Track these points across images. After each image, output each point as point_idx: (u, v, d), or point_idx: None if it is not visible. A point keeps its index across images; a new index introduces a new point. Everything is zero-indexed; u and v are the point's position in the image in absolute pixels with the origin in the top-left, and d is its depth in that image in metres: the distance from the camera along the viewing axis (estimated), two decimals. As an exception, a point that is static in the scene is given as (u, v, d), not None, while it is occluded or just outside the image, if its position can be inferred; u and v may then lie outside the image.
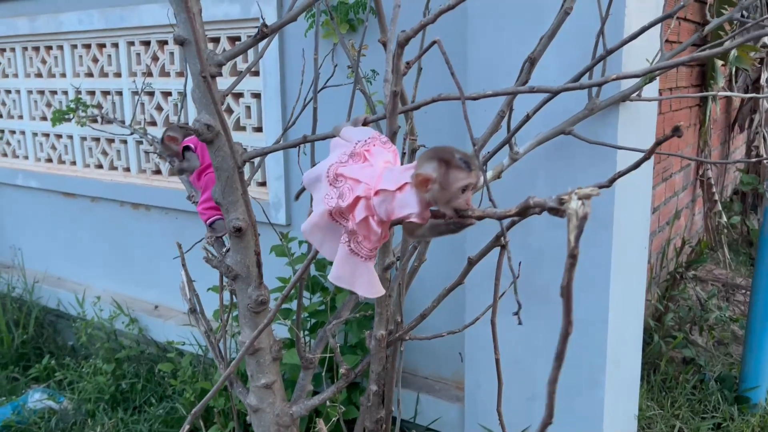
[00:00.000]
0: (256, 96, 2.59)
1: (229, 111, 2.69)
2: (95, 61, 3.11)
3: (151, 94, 2.92)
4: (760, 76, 4.23)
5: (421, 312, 1.35)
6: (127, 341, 3.08)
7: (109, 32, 2.96)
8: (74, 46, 3.17)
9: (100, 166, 3.26)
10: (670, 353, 2.69)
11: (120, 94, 3.05)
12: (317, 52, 1.52)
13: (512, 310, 1.96)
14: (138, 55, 2.93)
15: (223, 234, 1.50)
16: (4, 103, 3.65)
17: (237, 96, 2.65)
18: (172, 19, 1.24)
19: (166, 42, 2.83)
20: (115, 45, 2.99)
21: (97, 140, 3.23)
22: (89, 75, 3.15)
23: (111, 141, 3.17)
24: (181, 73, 2.80)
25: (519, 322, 1.00)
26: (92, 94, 3.17)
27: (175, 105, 2.83)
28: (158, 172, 3.04)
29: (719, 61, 3.59)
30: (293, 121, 1.81)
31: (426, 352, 2.36)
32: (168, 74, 2.85)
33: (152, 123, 2.96)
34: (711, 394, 2.48)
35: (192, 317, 1.66)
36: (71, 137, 3.33)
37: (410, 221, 0.85)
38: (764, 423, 2.36)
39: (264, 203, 2.60)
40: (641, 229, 2.02)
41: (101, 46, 3.06)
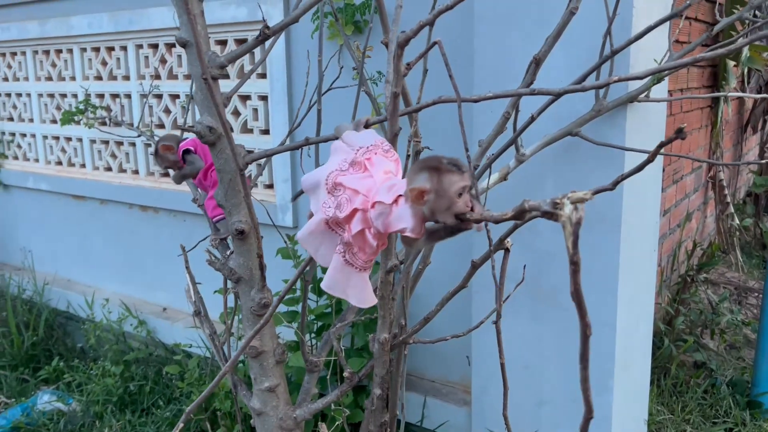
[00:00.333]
0: (264, 98, 2.59)
1: (236, 113, 2.70)
2: (104, 64, 3.13)
3: (160, 96, 2.93)
4: (773, 76, 4.18)
5: (425, 315, 1.34)
6: (136, 343, 3.09)
7: (118, 35, 2.98)
8: (84, 50, 3.19)
9: (110, 169, 3.28)
10: (681, 357, 2.66)
11: (129, 97, 3.06)
12: (321, 54, 1.51)
13: (520, 313, 1.95)
14: (146, 57, 2.94)
15: (227, 236, 1.50)
16: (15, 106, 3.67)
17: (244, 98, 2.65)
18: (178, 21, 1.24)
19: (174, 45, 2.84)
20: (124, 48, 3.00)
21: (106, 143, 3.25)
22: (98, 78, 3.16)
23: (120, 144, 3.18)
24: (188, 76, 2.80)
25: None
26: (101, 97, 3.18)
27: (183, 107, 2.84)
28: (166, 174, 3.05)
29: (731, 62, 3.55)
30: (298, 124, 1.81)
31: (433, 355, 2.34)
32: (176, 77, 2.86)
33: (161, 125, 2.97)
34: (722, 399, 2.45)
35: (197, 320, 1.65)
36: (81, 140, 3.35)
37: (406, 235, 0.84)
38: (777, 428, 2.32)
39: (271, 206, 2.60)
40: (650, 232, 2.00)
41: (110, 49, 3.07)
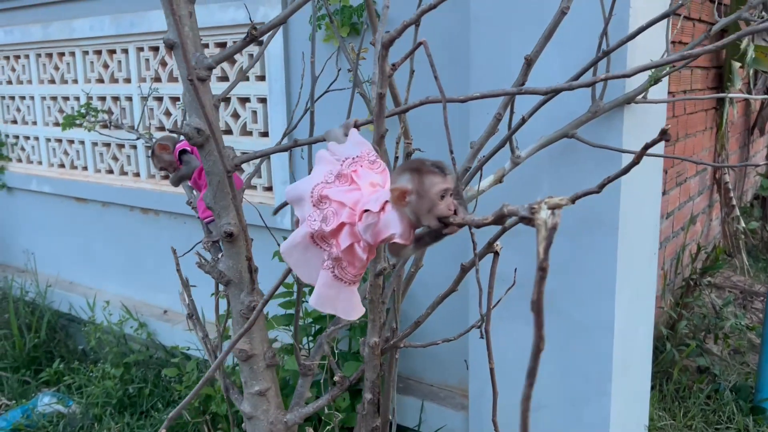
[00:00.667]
0: (263, 101, 2.58)
1: (235, 116, 2.69)
2: (106, 67, 3.14)
3: (160, 99, 2.93)
4: (780, 78, 4.14)
5: (417, 319, 1.32)
6: (137, 346, 3.09)
7: (119, 38, 2.98)
8: (86, 53, 3.20)
9: (111, 172, 3.28)
10: (684, 362, 2.63)
11: (130, 99, 3.07)
12: (314, 56, 1.50)
13: (518, 317, 1.93)
14: (147, 60, 2.95)
15: (219, 238, 1.49)
16: (18, 109, 3.69)
17: (244, 101, 2.65)
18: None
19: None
20: (125, 51, 3.01)
21: (108, 146, 3.25)
22: (100, 81, 3.17)
23: (121, 146, 3.19)
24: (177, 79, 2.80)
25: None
26: (103, 99, 3.19)
27: (183, 110, 2.83)
28: (167, 177, 3.04)
29: (737, 63, 3.51)
30: (294, 126, 1.80)
31: (431, 359, 2.33)
32: (176, 79, 2.86)
33: (161, 128, 2.97)
34: (725, 405, 2.41)
35: (190, 322, 1.65)
36: (83, 143, 3.36)
37: (394, 242, 0.83)
38: (781, 435, 2.29)
39: (270, 208, 2.59)
40: (650, 235, 1.97)
41: (111, 52, 3.08)
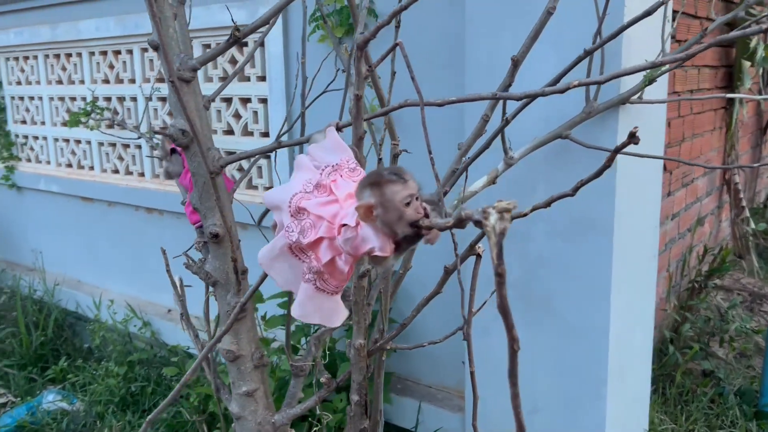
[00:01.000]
0: (263, 101, 2.59)
1: (237, 116, 2.70)
2: (111, 67, 3.16)
3: (164, 99, 2.95)
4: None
5: (402, 321, 1.31)
6: (142, 344, 3.11)
7: (124, 39, 3.00)
8: (92, 53, 3.23)
9: (117, 171, 3.31)
10: (688, 365, 2.59)
11: (135, 99, 3.09)
12: (305, 56, 1.50)
13: (514, 319, 1.91)
14: (151, 61, 2.97)
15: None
16: (27, 110, 3.73)
17: (245, 101, 2.66)
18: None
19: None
20: (130, 52, 3.03)
21: (113, 146, 3.28)
22: (106, 81, 3.20)
23: (126, 146, 3.21)
24: (192, 79, 2.82)
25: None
26: (108, 99, 3.21)
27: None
28: (171, 177, 3.06)
29: (747, 62, 3.46)
30: (288, 128, 1.80)
31: (429, 360, 2.32)
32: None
33: (165, 128, 2.99)
34: (729, 409, 2.38)
35: (183, 323, 1.65)
36: (89, 142, 3.39)
37: (375, 254, 0.82)
38: (785, 440, 2.25)
39: (271, 208, 2.60)
40: (649, 237, 1.95)
41: (117, 52, 3.10)
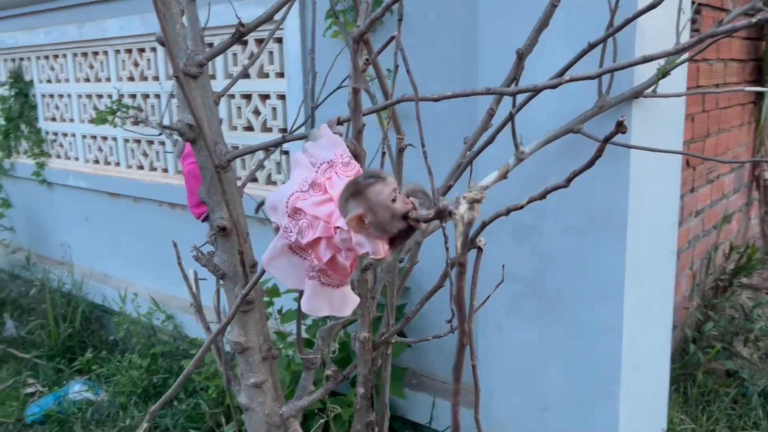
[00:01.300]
0: (282, 97, 2.61)
1: (257, 112, 2.73)
2: (136, 65, 3.22)
3: (186, 96, 2.99)
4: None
5: (407, 315, 1.32)
6: (165, 337, 3.17)
7: (147, 37, 3.06)
8: (117, 51, 3.29)
9: (141, 168, 3.37)
10: (711, 365, 2.54)
11: (158, 96, 3.14)
12: (314, 51, 1.51)
13: (524, 316, 1.90)
14: (174, 58, 3.01)
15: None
16: (57, 107, 3.82)
17: (264, 97, 2.68)
18: (204, 22, 1.28)
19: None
20: (154, 49, 3.08)
21: (138, 142, 3.34)
22: (131, 79, 3.26)
23: (150, 142, 3.27)
24: (213, 76, 2.86)
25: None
26: (134, 97, 3.28)
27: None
28: (193, 172, 3.11)
29: (777, 56, 3.37)
30: (302, 124, 1.82)
31: (444, 356, 2.32)
32: (201, 77, 2.91)
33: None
34: (752, 410, 2.33)
35: (197, 316, 1.68)
36: (115, 139, 3.46)
37: (382, 261, 0.83)
38: (810, 442, 2.19)
39: (289, 204, 2.62)
40: (666, 234, 1.92)
41: (141, 50, 3.16)
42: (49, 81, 3.82)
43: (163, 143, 3.20)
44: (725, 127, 2.99)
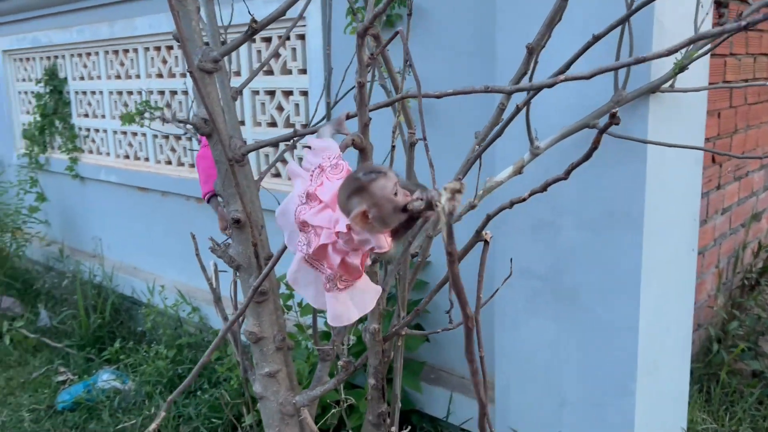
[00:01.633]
0: (304, 93, 2.64)
1: (280, 108, 2.77)
2: (164, 62, 3.29)
3: (212, 93, 3.04)
4: None
5: (416, 307, 1.33)
6: (192, 329, 3.24)
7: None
8: (146, 49, 3.36)
9: (169, 163, 3.44)
10: (737, 365, 2.50)
11: (186, 93, 3.20)
12: (330, 47, 1.53)
13: (541, 312, 1.90)
14: (201, 55, 3.07)
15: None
16: (90, 104, 3.92)
17: (287, 94, 2.72)
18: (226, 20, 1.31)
19: (224, 42, 2.94)
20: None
21: (166, 138, 3.41)
22: (159, 76, 3.33)
23: (178, 138, 3.34)
24: (238, 73, 2.90)
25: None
26: (162, 93, 3.35)
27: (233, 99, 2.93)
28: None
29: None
30: (319, 121, 1.84)
31: (461, 351, 2.32)
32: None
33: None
34: (777, 411, 2.29)
35: (216, 306, 1.72)
36: (144, 135, 3.54)
37: (385, 255, 0.84)
38: (836, 446, 2.15)
39: (310, 198, 2.65)
40: (686, 231, 1.90)
41: (169, 48, 3.22)
42: (81, 78, 3.92)
43: (190, 139, 3.27)
44: (754, 123, 2.93)
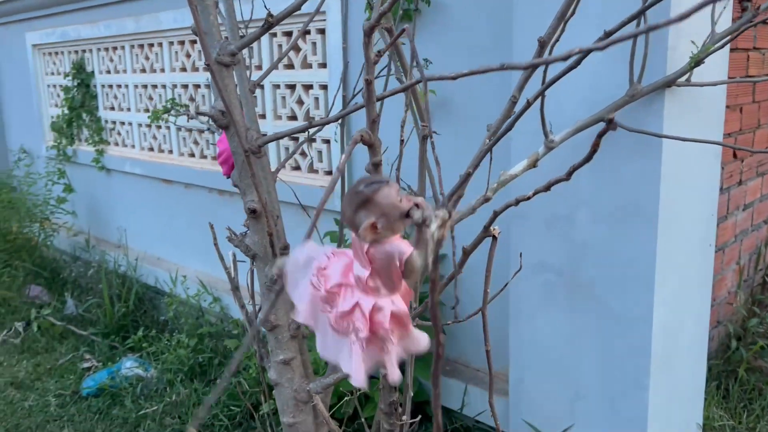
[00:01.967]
0: (324, 87, 2.67)
1: (300, 102, 2.80)
2: (188, 56, 3.34)
3: (234, 86, 3.09)
4: None
5: (425, 300, 1.35)
6: (213, 318, 3.30)
7: (199, 29, 3.16)
8: (171, 43, 3.42)
9: (193, 155, 3.50)
10: (757, 363, 2.48)
11: (208, 87, 3.25)
12: (346, 42, 1.55)
13: (556, 305, 1.91)
14: (223, 50, 3.11)
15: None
16: (116, 97, 4.00)
17: (307, 88, 2.75)
18: (247, 15, 1.34)
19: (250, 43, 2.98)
20: (204, 41, 3.19)
21: (190, 131, 3.47)
22: (183, 69, 3.39)
23: (201, 131, 3.39)
24: (259, 66, 2.94)
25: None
26: (185, 87, 3.40)
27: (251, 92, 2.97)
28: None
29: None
30: (336, 117, 1.86)
31: (477, 344, 2.34)
32: (248, 67, 3.00)
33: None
34: (796, 409, 2.26)
35: (232, 293, 1.76)
36: (168, 128, 3.60)
37: (408, 260, 0.80)
38: None
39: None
40: (703, 226, 1.89)
41: (193, 42, 3.28)
42: (108, 72, 4.00)
43: (212, 132, 3.32)
44: (779, 118, 2.89)
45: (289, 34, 2.76)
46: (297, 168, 2.93)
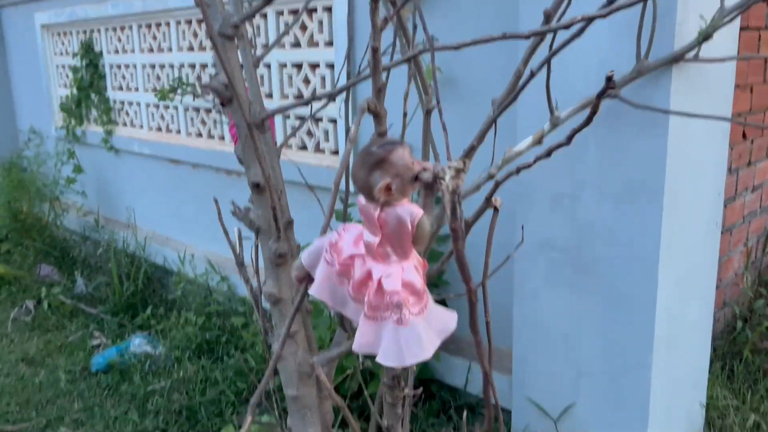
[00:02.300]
0: (331, 66, 2.66)
1: (306, 81, 2.80)
2: (195, 35, 3.34)
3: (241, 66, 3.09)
4: None
5: (442, 257, 1.35)
6: (220, 297, 3.32)
7: (206, 8, 3.16)
8: (178, 22, 3.42)
9: (200, 135, 3.51)
10: (762, 344, 2.48)
11: (216, 66, 3.25)
12: (352, 16, 1.55)
13: (561, 284, 1.91)
14: (230, 29, 3.10)
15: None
16: (124, 77, 4.01)
17: (314, 67, 2.74)
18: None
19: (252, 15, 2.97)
20: (211, 20, 3.18)
21: (197, 110, 3.48)
22: (190, 49, 3.38)
23: (208, 111, 3.39)
24: (266, 45, 2.94)
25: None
26: (193, 67, 3.40)
27: (255, 66, 2.97)
28: (248, 140, 3.22)
29: None
30: (337, 92, 1.86)
31: (481, 322, 2.34)
32: (254, 46, 3.00)
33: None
34: (801, 390, 2.26)
35: (237, 267, 1.77)
36: (176, 108, 3.61)
37: (420, 222, 0.81)
38: None
39: (335, 172, 2.68)
40: (709, 206, 1.88)
41: (200, 21, 3.27)
42: (116, 52, 4.00)
43: (219, 112, 3.32)
44: (791, 98, 2.85)
45: (296, 12, 2.74)
46: (303, 148, 2.93)
